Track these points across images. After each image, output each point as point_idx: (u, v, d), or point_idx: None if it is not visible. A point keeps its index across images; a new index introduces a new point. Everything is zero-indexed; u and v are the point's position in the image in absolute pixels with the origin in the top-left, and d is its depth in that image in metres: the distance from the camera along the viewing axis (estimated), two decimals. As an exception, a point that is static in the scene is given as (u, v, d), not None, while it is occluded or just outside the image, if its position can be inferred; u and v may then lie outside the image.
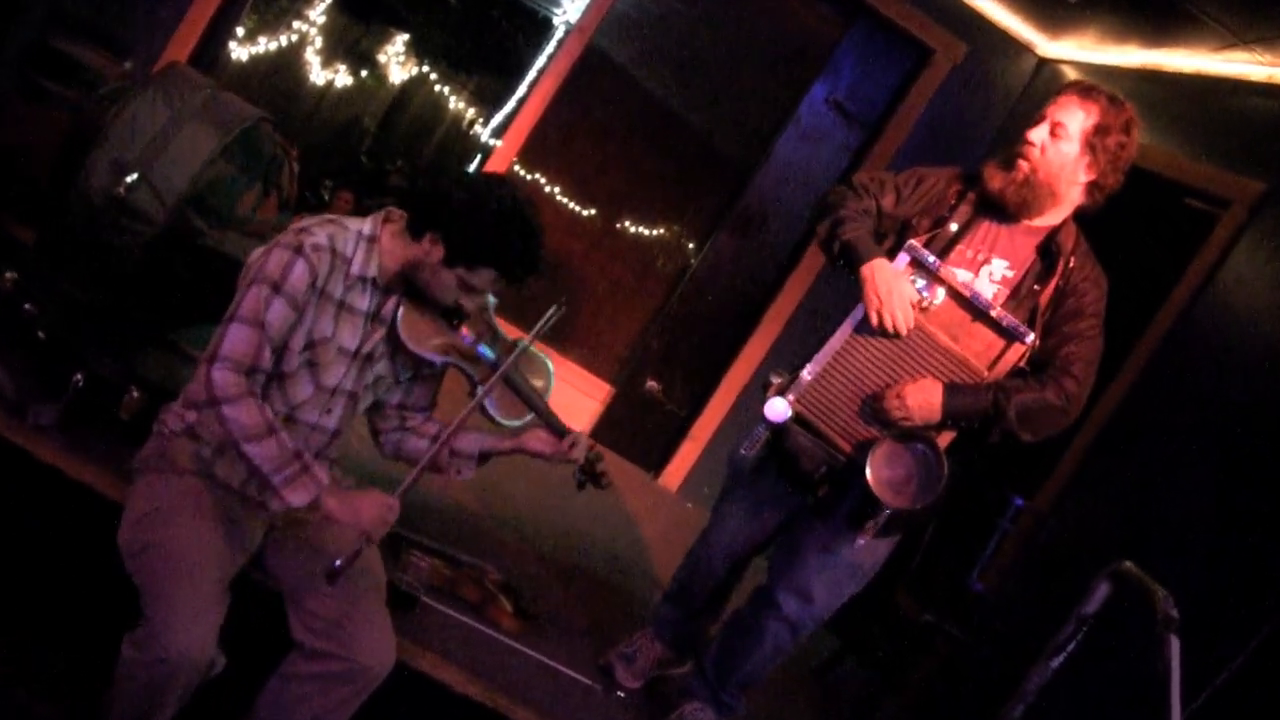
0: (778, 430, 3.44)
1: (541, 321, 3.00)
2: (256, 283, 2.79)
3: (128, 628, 2.68)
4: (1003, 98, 6.67)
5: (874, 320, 3.35)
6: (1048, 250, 3.43)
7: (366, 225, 2.96)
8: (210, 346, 2.77)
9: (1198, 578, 3.93)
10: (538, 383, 3.25)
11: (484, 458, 3.20)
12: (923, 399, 3.32)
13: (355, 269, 2.91)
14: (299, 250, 2.81)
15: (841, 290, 3.61)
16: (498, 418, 3.19)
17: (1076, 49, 6.23)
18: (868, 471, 3.29)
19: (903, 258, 3.41)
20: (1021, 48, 6.61)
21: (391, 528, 2.91)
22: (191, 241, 3.97)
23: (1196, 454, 4.35)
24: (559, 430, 3.18)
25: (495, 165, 6.65)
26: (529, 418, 3.22)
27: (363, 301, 2.96)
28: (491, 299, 3.18)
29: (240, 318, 2.77)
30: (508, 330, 3.27)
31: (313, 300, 2.85)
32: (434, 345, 3.05)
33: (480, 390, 3.08)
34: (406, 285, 2.99)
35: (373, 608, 2.97)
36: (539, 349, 3.26)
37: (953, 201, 3.53)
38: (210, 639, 2.68)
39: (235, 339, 2.76)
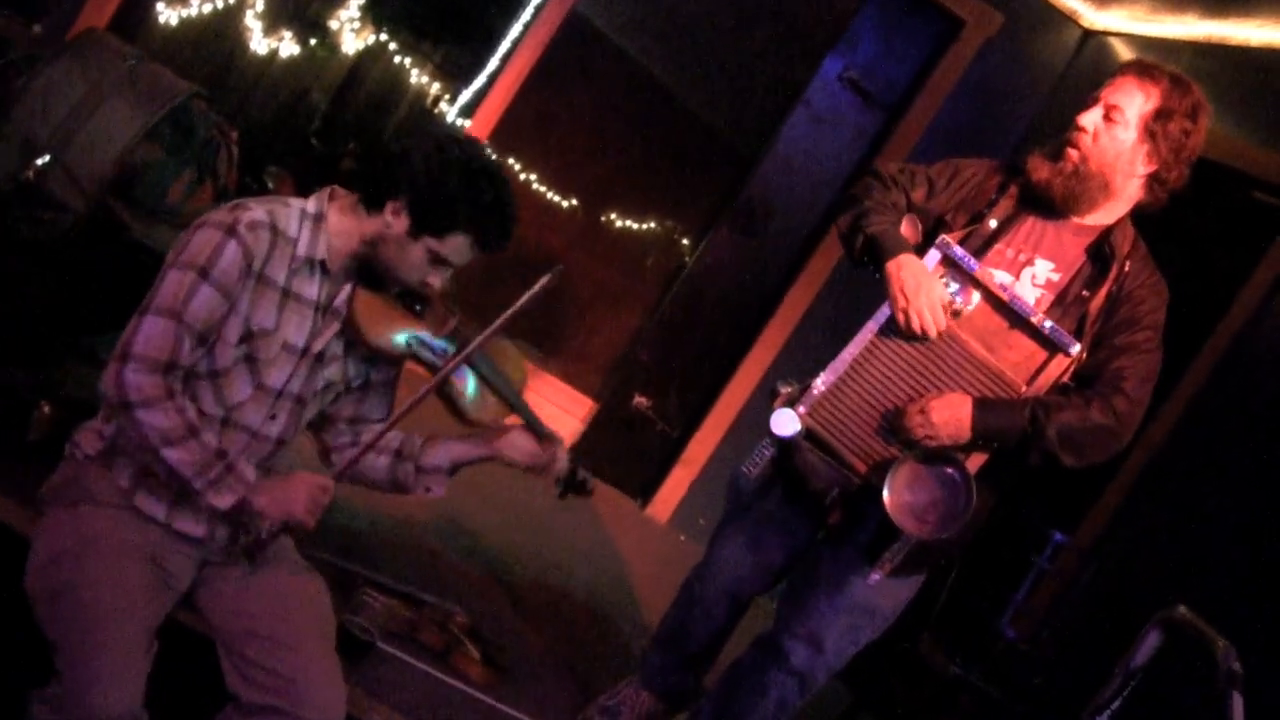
0: (785, 447, 3.44)
1: (534, 289, 2.96)
2: (178, 266, 2.76)
3: (36, 684, 2.66)
4: (1043, 75, 6.68)
5: (900, 320, 3.36)
6: (1100, 252, 3.42)
7: (310, 203, 2.95)
8: (121, 341, 2.75)
9: (1264, 626, 3.93)
10: (513, 375, 3.24)
11: (455, 469, 3.18)
12: (950, 414, 3.32)
13: (302, 249, 2.90)
14: (231, 230, 2.78)
15: (859, 294, 3.61)
16: (467, 410, 3.15)
17: (1127, 19, 6.25)
18: (886, 494, 3.29)
19: (933, 255, 3.40)
20: (1064, 18, 6.63)
21: (343, 562, 2.90)
22: (114, 234, 3.97)
23: (1263, 483, 4.35)
24: (540, 432, 3.17)
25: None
26: (507, 417, 3.19)
27: (311, 289, 2.94)
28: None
29: (155, 308, 2.74)
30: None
31: (249, 284, 2.84)
32: (396, 333, 3.03)
33: (446, 366, 3.02)
34: (360, 270, 2.98)
35: (319, 654, 2.95)
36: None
37: (992, 195, 3.53)
38: (136, 698, 2.66)
39: (149, 334, 2.73)
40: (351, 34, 9.37)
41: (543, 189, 6.82)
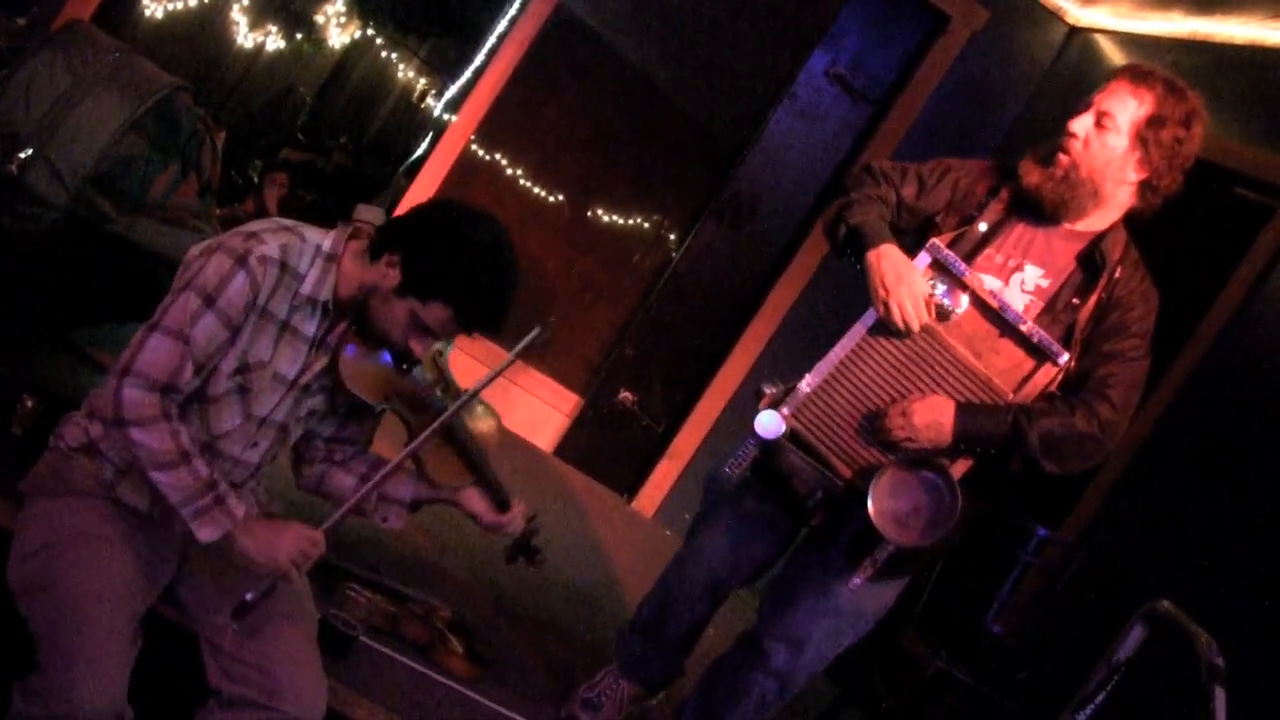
0: (768, 448, 3.43)
1: (522, 343, 2.96)
2: (188, 290, 2.75)
3: (17, 675, 2.64)
4: (1028, 71, 6.69)
5: (880, 312, 3.33)
6: (1090, 259, 3.40)
7: (328, 240, 2.92)
8: (124, 357, 2.73)
9: (1246, 620, 3.94)
10: (483, 428, 3.24)
11: (416, 506, 3.21)
12: (931, 418, 3.31)
13: (306, 289, 2.87)
14: (242, 260, 2.76)
15: (845, 289, 3.60)
16: (434, 478, 3.19)
17: (1112, 16, 6.26)
18: (869, 501, 3.27)
19: (923, 258, 3.38)
20: (1049, 14, 6.64)
21: (325, 557, 2.89)
22: (96, 228, 3.95)
23: (1246, 478, 4.35)
24: (500, 501, 3.21)
25: (450, 143, 6.63)
26: (469, 480, 3.23)
27: (309, 326, 2.92)
28: (448, 345, 3.16)
29: (163, 327, 2.72)
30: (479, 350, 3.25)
31: (251, 318, 2.82)
32: (375, 387, 3.02)
33: (416, 440, 3.04)
34: (357, 313, 2.96)
35: (301, 649, 2.94)
36: (490, 400, 3.25)
37: (983, 198, 3.50)
38: (120, 691, 2.65)
39: (153, 352, 2.71)
40: (337, 28, 9.36)
41: (529, 184, 6.80)
